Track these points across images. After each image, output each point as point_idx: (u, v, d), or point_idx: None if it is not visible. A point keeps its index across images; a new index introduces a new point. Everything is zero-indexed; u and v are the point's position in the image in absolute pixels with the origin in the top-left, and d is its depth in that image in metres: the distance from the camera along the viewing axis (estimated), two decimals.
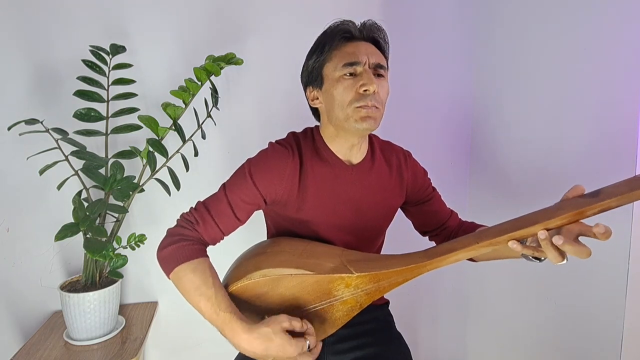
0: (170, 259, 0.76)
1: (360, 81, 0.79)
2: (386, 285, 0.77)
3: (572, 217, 0.63)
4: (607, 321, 1.01)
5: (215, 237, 0.82)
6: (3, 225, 1.22)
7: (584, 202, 0.62)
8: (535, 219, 0.65)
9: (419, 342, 1.65)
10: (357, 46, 0.82)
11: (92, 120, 1.12)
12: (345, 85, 0.79)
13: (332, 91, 0.81)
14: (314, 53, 0.86)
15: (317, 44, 0.86)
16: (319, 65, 0.84)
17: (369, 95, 0.78)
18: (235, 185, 0.83)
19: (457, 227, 1.00)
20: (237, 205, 0.82)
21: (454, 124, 1.56)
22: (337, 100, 0.81)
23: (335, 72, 0.81)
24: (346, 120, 0.80)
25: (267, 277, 0.77)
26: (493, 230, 0.70)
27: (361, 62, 0.80)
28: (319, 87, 0.85)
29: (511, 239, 0.66)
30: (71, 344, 1.09)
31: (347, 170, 0.88)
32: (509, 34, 1.34)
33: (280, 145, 0.87)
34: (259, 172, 0.82)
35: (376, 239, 0.97)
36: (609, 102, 0.99)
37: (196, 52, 1.27)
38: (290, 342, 0.69)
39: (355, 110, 0.79)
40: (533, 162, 1.24)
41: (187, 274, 0.75)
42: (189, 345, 1.41)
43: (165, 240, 0.80)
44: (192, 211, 0.83)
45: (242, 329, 0.70)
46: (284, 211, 0.87)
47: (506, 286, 1.40)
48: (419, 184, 0.98)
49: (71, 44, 1.21)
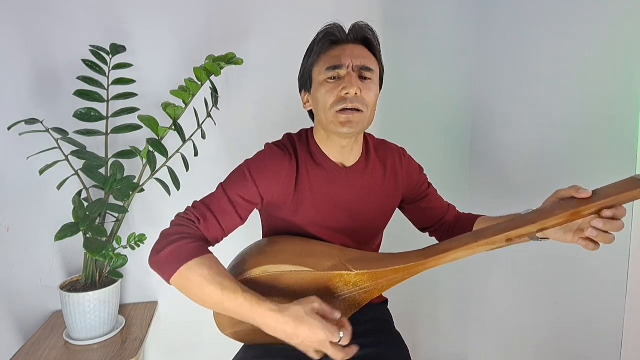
0: (171, 259, 0.71)
1: (341, 84, 0.79)
2: (385, 283, 0.77)
3: (569, 217, 0.64)
4: (607, 321, 1.01)
5: (216, 236, 0.80)
6: (3, 225, 1.22)
7: (580, 202, 0.64)
8: (532, 219, 0.67)
9: (418, 341, 1.65)
10: (343, 49, 0.82)
11: (92, 120, 1.12)
12: (327, 88, 0.80)
13: (316, 95, 0.82)
14: (305, 57, 0.87)
15: (309, 48, 0.87)
16: (308, 69, 0.85)
17: (350, 98, 0.78)
18: (235, 183, 0.82)
19: (455, 220, 1.00)
20: (238, 203, 0.81)
21: (454, 123, 1.56)
22: (320, 103, 0.81)
23: (320, 76, 0.82)
24: (328, 124, 0.81)
25: (267, 274, 0.78)
26: (491, 230, 0.71)
27: (344, 65, 0.79)
28: (308, 91, 0.87)
29: (508, 238, 0.67)
30: (71, 344, 1.09)
31: (341, 173, 0.87)
32: (508, 33, 1.34)
33: (277, 147, 0.86)
34: (258, 172, 0.82)
35: (373, 239, 0.97)
36: (609, 102, 0.99)
37: (196, 52, 1.27)
38: (322, 325, 0.66)
39: (335, 115, 0.79)
40: (533, 161, 1.24)
41: (196, 269, 0.70)
42: (189, 345, 1.41)
43: (161, 243, 0.74)
44: (190, 210, 0.80)
45: (270, 308, 0.67)
46: (278, 213, 0.87)
47: (506, 286, 1.40)
48: (414, 181, 0.98)
49: (71, 44, 1.21)
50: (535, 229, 0.66)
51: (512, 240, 0.69)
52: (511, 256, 1.34)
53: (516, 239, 0.69)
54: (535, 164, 1.23)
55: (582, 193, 0.64)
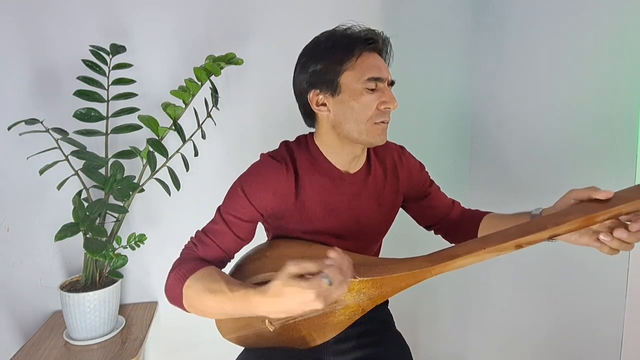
0: (174, 285, 0.74)
1: (382, 98, 0.77)
2: (389, 290, 0.75)
3: (582, 223, 0.60)
4: (607, 321, 1.01)
5: (217, 255, 0.80)
6: (3, 225, 1.22)
7: (594, 207, 0.59)
8: (543, 224, 0.63)
9: (418, 342, 1.65)
10: (379, 60, 0.80)
11: (92, 120, 1.12)
12: (368, 99, 0.77)
13: (351, 103, 0.77)
14: (325, 55, 0.78)
15: (332, 46, 0.78)
16: (335, 71, 0.78)
17: (387, 112, 0.79)
18: (229, 205, 0.81)
19: (460, 217, 0.98)
20: (233, 224, 0.80)
21: (454, 123, 1.56)
22: (356, 112, 0.77)
23: (357, 84, 0.77)
24: (360, 134, 0.78)
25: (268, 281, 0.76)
26: (499, 236, 0.67)
27: (384, 79, 0.78)
28: (329, 94, 0.79)
29: (518, 245, 0.64)
30: (71, 344, 1.09)
31: (344, 180, 0.85)
32: (508, 33, 1.34)
33: (273, 158, 0.83)
34: (252, 188, 0.80)
35: (376, 243, 0.96)
36: (609, 102, 0.99)
37: (196, 52, 1.27)
38: (302, 286, 0.57)
39: (373, 126, 0.78)
40: (532, 161, 1.24)
41: (193, 285, 0.72)
42: (189, 345, 1.41)
43: (167, 277, 0.77)
44: (191, 239, 0.82)
45: (256, 294, 0.64)
46: (280, 223, 0.85)
47: (506, 286, 1.40)
48: (415, 179, 0.96)
49: (71, 44, 1.21)
50: (546, 235, 0.62)
51: (521, 246, 0.66)
52: (511, 256, 1.34)
53: (526, 245, 0.65)
54: (535, 163, 1.23)
55: (601, 193, 0.60)
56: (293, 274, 0.59)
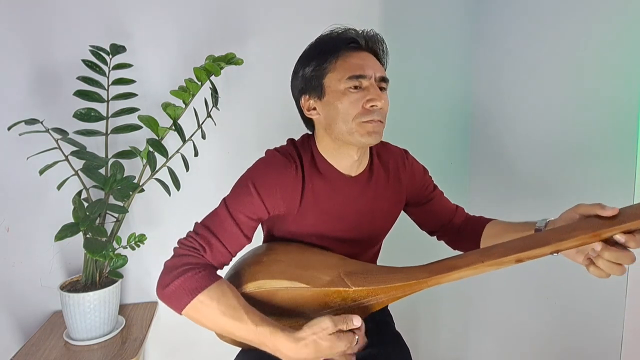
0: (181, 293, 0.70)
1: (367, 96, 0.76)
2: (385, 299, 0.74)
3: (587, 240, 0.58)
4: (607, 321, 1.01)
5: (224, 261, 0.77)
6: (3, 225, 1.22)
7: (601, 223, 0.58)
8: (546, 239, 0.61)
9: (418, 342, 1.65)
10: (363, 58, 0.78)
11: (92, 120, 1.12)
12: (351, 99, 0.76)
13: (335, 104, 0.77)
14: (311, 59, 0.80)
15: (317, 50, 0.80)
16: (319, 74, 0.79)
17: (376, 110, 0.76)
18: (240, 201, 0.77)
19: (464, 223, 0.97)
20: (244, 223, 0.77)
21: (454, 123, 1.56)
22: (341, 113, 0.76)
23: (339, 84, 0.76)
24: (350, 134, 0.77)
25: (263, 289, 0.75)
26: (500, 249, 0.65)
27: (367, 76, 0.76)
28: (317, 97, 0.80)
29: (519, 259, 0.62)
30: (71, 344, 1.09)
31: (346, 183, 0.84)
32: (508, 33, 1.34)
33: (281, 154, 0.82)
34: (264, 185, 0.77)
35: (375, 246, 0.96)
36: (609, 102, 0.99)
37: (196, 52, 1.27)
38: (339, 340, 0.65)
39: (360, 125, 0.76)
40: (532, 161, 1.24)
41: (207, 303, 0.69)
42: (189, 345, 1.41)
43: (167, 276, 0.72)
44: (192, 236, 0.76)
45: (286, 339, 0.66)
46: (281, 224, 0.84)
47: (506, 286, 1.40)
48: (418, 183, 0.95)
49: (71, 44, 1.21)
50: (549, 251, 0.60)
51: (522, 260, 0.63)
52: None
53: (527, 259, 0.64)
54: (535, 164, 1.23)
55: (607, 210, 0.58)
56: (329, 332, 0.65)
